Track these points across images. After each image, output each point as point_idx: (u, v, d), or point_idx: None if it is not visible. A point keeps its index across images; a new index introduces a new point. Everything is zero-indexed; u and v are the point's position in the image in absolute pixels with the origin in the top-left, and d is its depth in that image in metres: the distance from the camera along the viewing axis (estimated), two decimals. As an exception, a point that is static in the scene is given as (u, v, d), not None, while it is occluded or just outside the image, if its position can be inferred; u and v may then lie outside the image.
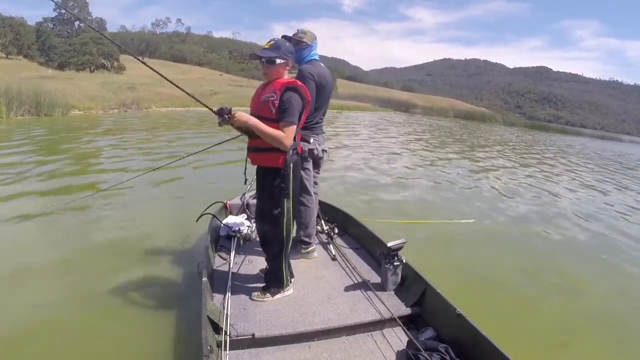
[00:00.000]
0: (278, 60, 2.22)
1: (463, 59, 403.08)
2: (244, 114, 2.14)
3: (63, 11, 56.75)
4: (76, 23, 59.15)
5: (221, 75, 60.84)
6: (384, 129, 21.25)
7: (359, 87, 73.38)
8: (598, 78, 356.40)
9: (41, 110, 14.32)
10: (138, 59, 2.50)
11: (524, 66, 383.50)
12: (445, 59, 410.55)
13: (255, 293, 2.47)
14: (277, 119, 2.17)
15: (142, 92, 23.14)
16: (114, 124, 13.82)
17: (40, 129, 11.14)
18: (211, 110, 2.17)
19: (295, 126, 2.21)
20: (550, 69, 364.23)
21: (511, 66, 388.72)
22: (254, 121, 2.14)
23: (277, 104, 2.17)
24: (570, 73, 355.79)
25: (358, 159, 9.90)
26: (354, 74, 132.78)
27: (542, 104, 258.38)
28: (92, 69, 44.23)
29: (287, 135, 2.18)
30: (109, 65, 46.99)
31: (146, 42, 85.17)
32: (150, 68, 2.47)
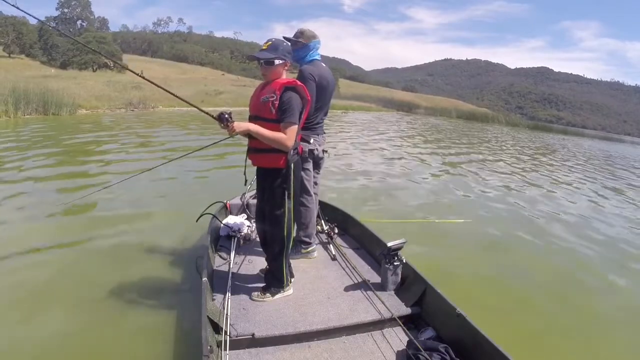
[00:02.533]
0: (276, 61, 2.22)
1: (464, 59, 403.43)
2: (242, 123, 2.15)
3: (66, 10, 56.86)
4: (78, 22, 59.27)
5: (223, 74, 60.77)
6: (385, 129, 21.22)
7: (361, 87, 73.35)
8: (599, 79, 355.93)
9: (48, 109, 14.29)
10: (140, 76, 2.56)
11: (525, 67, 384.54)
12: (446, 59, 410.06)
13: (255, 293, 2.47)
14: (278, 120, 2.18)
15: (147, 91, 23.09)
16: (120, 124, 13.80)
17: (46, 127, 11.15)
18: (211, 116, 2.18)
19: (296, 126, 2.21)
20: (551, 69, 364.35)
21: (512, 67, 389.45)
22: (255, 128, 2.15)
23: (277, 105, 2.17)
24: (571, 74, 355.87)
25: (358, 159, 9.89)
26: (356, 74, 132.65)
27: (543, 105, 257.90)
28: (94, 68, 44.24)
29: (288, 137, 2.18)
30: (112, 65, 46.97)
31: (148, 42, 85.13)
32: (159, 85, 2.46)
